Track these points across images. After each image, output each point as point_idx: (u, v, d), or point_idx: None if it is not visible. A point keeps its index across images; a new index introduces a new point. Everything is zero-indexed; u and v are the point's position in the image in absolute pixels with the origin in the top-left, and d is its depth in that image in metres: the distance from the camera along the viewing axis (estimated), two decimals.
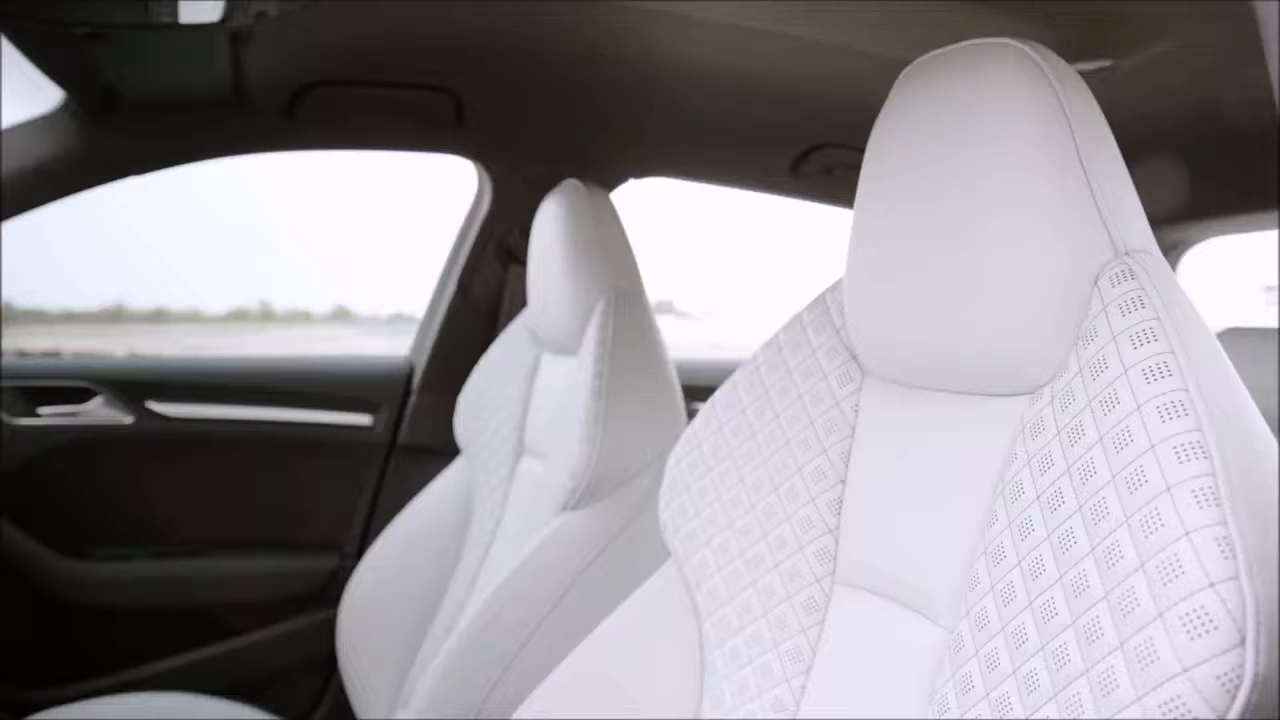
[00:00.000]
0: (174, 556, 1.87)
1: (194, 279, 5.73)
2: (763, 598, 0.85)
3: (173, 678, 1.82)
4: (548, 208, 1.50)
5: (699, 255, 6.48)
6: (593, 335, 1.37)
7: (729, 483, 0.90)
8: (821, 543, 0.83)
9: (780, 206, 2.11)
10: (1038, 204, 0.66)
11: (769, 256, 5.51)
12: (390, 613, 1.61)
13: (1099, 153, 0.68)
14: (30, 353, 2.16)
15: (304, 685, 1.92)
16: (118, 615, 1.84)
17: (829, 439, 0.85)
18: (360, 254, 5.41)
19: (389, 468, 1.96)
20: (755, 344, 0.95)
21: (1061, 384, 0.65)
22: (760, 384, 0.90)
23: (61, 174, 1.59)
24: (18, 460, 1.77)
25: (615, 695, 0.91)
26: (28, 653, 1.80)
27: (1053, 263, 0.66)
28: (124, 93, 1.53)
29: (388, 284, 4.87)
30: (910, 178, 0.73)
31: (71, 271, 4.96)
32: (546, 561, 1.30)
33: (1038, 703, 0.59)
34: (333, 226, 5.83)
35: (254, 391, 1.91)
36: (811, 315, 0.90)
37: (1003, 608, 0.63)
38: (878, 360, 0.81)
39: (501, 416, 1.61)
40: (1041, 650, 0.59)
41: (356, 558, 1.89)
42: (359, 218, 5.28)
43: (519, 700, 0.96)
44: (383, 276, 5.68)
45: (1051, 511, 0.62)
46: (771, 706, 0.83)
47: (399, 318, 4.25)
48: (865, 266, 0.78)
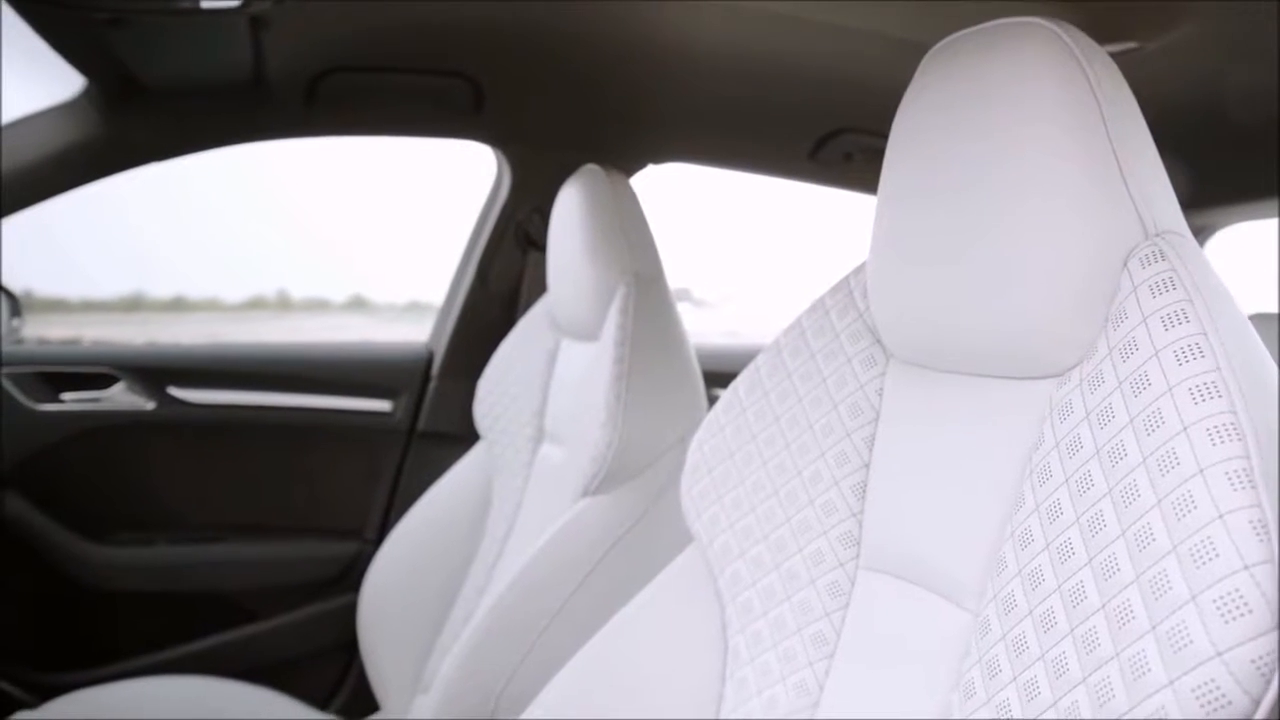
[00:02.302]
0: (195, 541, 1.88)
1: (212, 268, 5.75)
2: (786, 582, 0.85)
3: (194, 662, 1.84)
4: (567, 193, 1.49)
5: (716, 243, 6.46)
6: (613, 321, 1.37)
7: (752, 467, 0.89)
8: (845, 527, 0.83)
9: (798, 194, 2.10)
10: (1066, 185, 0.65)
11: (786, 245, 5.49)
12: (410, 598, 1.62)
13: (1129, 133, 0.67)
14: (51, 341, 2.18)
15: (324, 670, 1.93)
16: (139, 599, 1.85)
17: (853, 423, 0.84)
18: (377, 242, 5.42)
19: (408, 454, 1.97)
20: (772, 332, 0.94)
21: (1090, 366, 0.65)
22: (783, 368, 0.90)
23: (82, 161, 1.60)
24: (41, 445, 1.78)
25: (637, 679, 0.91)
26: (50, 636, 1.82)
27: (1082, 244, 0.65)
28: (144, 79, 1.53)
29: (405, 272, 4.88)
30: (936, 159, 0.73)
31: (91, 261, 4.99)
32: (567, 547, 1.30)
33: (1067, 686, 0.58)
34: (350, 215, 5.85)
35: (275, 378, 1.91)
36: (835, 298, 0.89)
37: (1031, 591, 0.63)
38: (902, 343, 0.80)
39: (521, 403, 1.61)
40: (1071, 634, 0.59)
41: (376, 544, 1.89)
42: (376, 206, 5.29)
43: (540, 685, 0.96)
44: (400, 265, 5.69)
45: (1081, 494, 0.61)
46: (795, 690, 0.82)
47: (416, 306, 4.26)
48: (890, 248, 0.78)
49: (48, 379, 1.80)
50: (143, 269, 4.77)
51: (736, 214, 4.59)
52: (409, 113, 1.77)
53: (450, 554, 1.62)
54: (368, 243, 5.31)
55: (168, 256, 5.57)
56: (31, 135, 1.57)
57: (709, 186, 2.44)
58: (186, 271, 5.41)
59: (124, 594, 1.84)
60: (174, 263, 5.46)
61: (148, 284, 4.81)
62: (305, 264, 5.76)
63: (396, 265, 5.91)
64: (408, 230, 5.11)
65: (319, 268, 6.27)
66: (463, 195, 2.10)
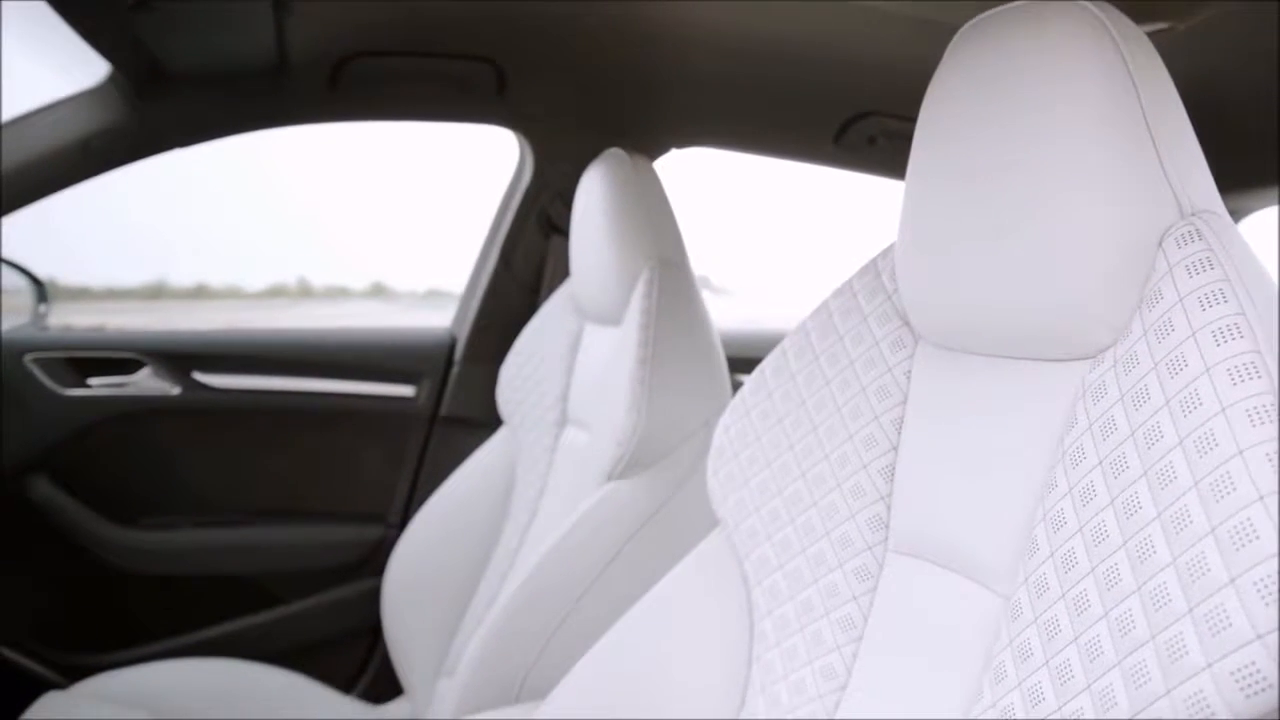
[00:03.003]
0: (220, 525, 1.90)
1: (233, 256, 5.78)
2: (813, 565, 0.85)
3: (220, 645, 1.85)
4: (591, 177, 1.49)
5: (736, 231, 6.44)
6: (637, 305, 1.37)
7: (779, 450, 0.89)
8: (873, 510, 0.82)
9: (819, 181, 2.09)
10: (1101, 165, 0.65)
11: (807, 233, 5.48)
12: (434, 582, 1.62)
13: (1165, 112, 0.66)
14: (76, 329, 2.19)
15: (349, 654, 1.94)
16: (166, 583, 1.87)
17: (881, 405, 0.84)
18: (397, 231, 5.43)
19: (432, 439, 1.97)
20: (792, 320, 0.93)
21: (1125, 348, 0.64)
22: (810, 350, 0.90)
23: (107, 147, 1.61)
24: (69, 430, 1.79)
25: (663, 662, 0.91)
26: (79, 618, 1.84)
27: (1116, 224, 0.64)
28: (169, 65, 1.53)
29: (424, 260, 4.89)
30: (967, 139, 0.72)
31: (114, 250, 5.02)
32: (591, 531, 1.30)
33: (1101, 669, 0.58)
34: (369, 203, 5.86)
35: (298, 363, 1.92)
36: (862, 281, 0.88)
37: (1063, 574, 0.62)
38: (932, 326, 0.79)
39: (544, 387, 1.61)
40: (1105, 617, 0.58)
41: (400, 528, 1.90)
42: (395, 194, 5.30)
43: (564, 668, 0.96)
44: (419, 253, 5.69)
45: (1115, 476, 0.61)
46: (822, 673, 0.82)
47: (435, 293, 4.26)
48: (919, 230, 0.77)
49: (75, 364, 1.81)
50: (164, 258, 4.80)
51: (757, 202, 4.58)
52: (432, 97, 1.77)
53: (474, 539, 1.62)
54: (387, 231, 5.32)
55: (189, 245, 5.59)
56: (57, 122, 1.57)
57: (729, 174, 2.43)
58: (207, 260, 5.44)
59: (151, 577, 1.85)
60: (195, 251, 5.48)
61: (169, 272, 4.84)
62: (325, 252, 5.77)
63: (416, 253, 5.91)
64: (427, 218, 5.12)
65: (339, 256, 6.29)
66: (482, 182, 2.10)
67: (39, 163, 1.57)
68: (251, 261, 5.43)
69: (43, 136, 1.57)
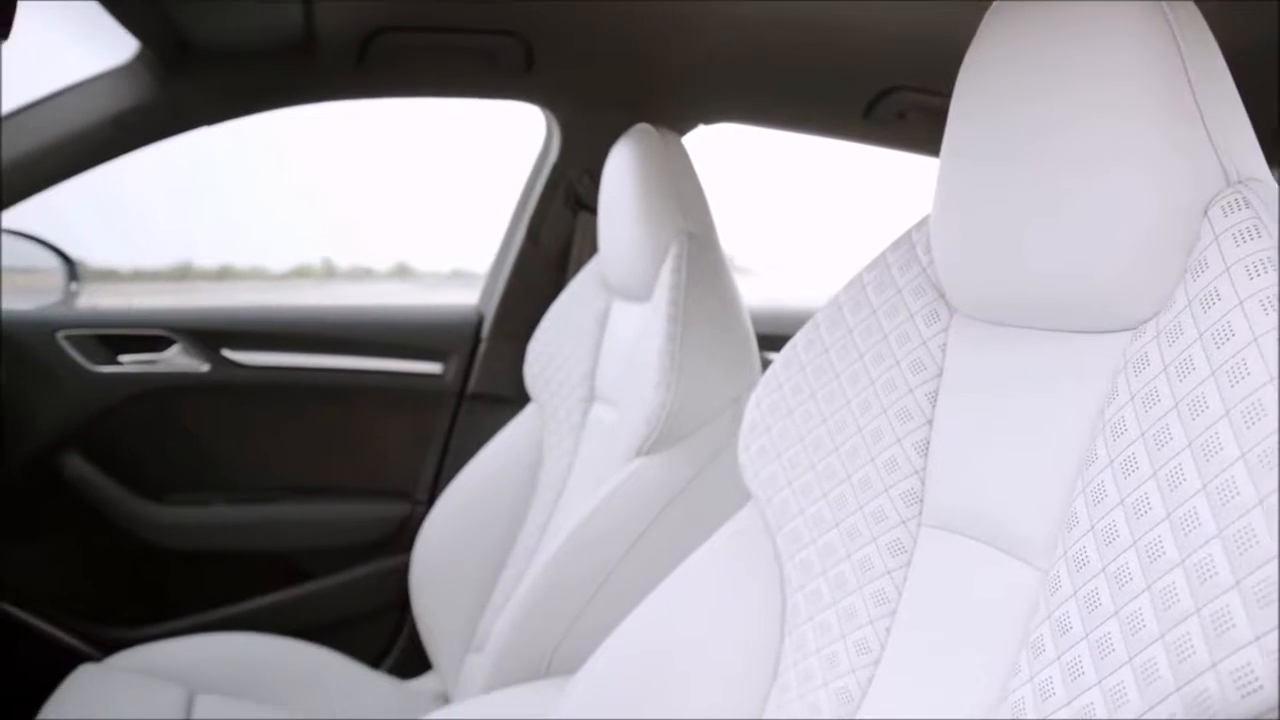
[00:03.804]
0: (249, 502, 1.91)
1: (257, 237, 5.81)
2: (846, 540, 0.84)
3: (249, 619, 1.87)
4: (619, 152, 1.48)
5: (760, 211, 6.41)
6: (666, 280, 1.36)
7: (811, 424, 0.88)
8: (907, 484, 0.82)
9: (843, 162, 2.08)
10: (1145, 131, 0.63)
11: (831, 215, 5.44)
12: (462, 559, 1.63)
13: (1210, 78, 0.65)
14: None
15: (377, 629, 1.96)
16: (196, 558, 1.88)
17: (915, 379, 0.83)
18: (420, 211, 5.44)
19: (459, 416, 1.98)
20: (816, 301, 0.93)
21: (1168, 318, 0.63)
22: (843, 324, 0.89)
23: (136, 125, 1.61)
24: (100, 406, 1.81)
25: (694, 635, 0.91)
26: (112, 593, 1.86)
27: (1159, 192, 0.63)
28: (197, 42, 1.53)
29: (448, 241, 4.89)
30: (1005, 106, 0.71)
31: (140, 231, 5.06)
32: (620, 507, 1.30)
33: (1143, 643, 0.57)
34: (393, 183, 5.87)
35: (326, 340, 1.93)
36: (897, 253, 0.87)
37: (1104, 547, 0.62)
38: (968, 298, 0.78)
39: (572, 364, 1.61)
40: (1148, 589, 0.58)
41: (428, 505, 1.91)
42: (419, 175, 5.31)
43: (593, 644, 0.96)
44: (443, 233, 5.70)
45: (1158, 448, 0.60)
46: (855, 648, 0.82)
47: (459, 274, 4.27)
48: (955, 201, 0.76)
49: (105, 341, 1.82)
50: (190, 239, 4.83)
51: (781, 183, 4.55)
52: (459, 73, 1.76)
53: (501, 515, 1.63)
54: (411, 211, 5.34)
55: (214, 226, 5.63)
56: (87, 100, 1.58)
57: (753, 154, 2.41)
58: (232, 241, 5.47)
59: (182, 552, 1.87)
60: (220, 232, 5.51)
61: (195, 254, 4.87)
62: (350, 232, 5.79)
63: (440, 234, 5.92)
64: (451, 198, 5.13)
65: (363, 236, 6.30)
66: (505, 162, 2.09)
67: (70, 141, 1.58)
68: (276, 242, 5.45)
69: (73, 115, 1.58)
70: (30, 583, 1.79)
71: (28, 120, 1.56)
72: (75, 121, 1.57)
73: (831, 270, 4.77)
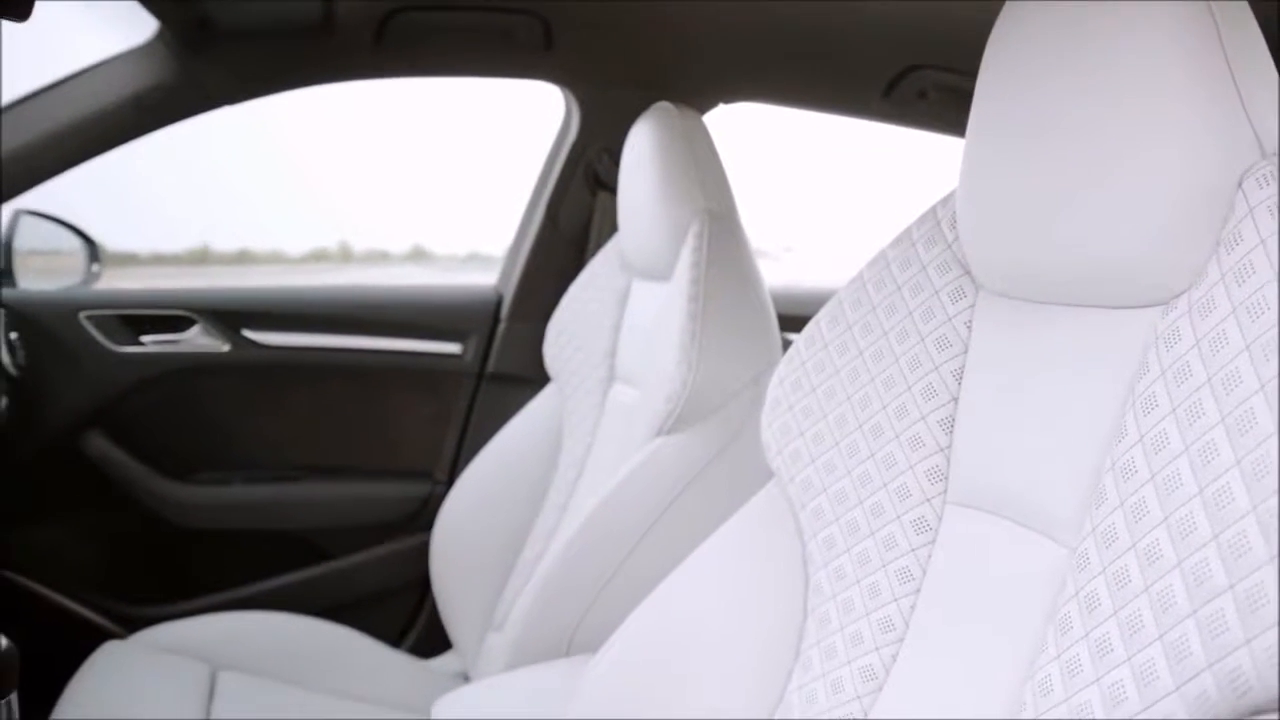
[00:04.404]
0: (270, 481, 1.92)
1: (275, 221, 5.81)
2: (870, 517, 0.84)
3: (271, 598, 1.88)
4: (639, 131, 1.48)
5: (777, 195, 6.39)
6: (686, 259, 1.35)
7: (835, 401, 0.88)
8: (932, 461, 0.81)
9: (859, 147, 2.06)
10: (1177, 103, 0.62)
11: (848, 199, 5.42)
12: (482, 538, 1.63)
13: (1246, 49, 0.64)
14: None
15: (398, 608, 1.97)
16: (219, 537, 1.90)
17: (940, 356, 0.82)
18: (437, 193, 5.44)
19: (478, 396, 1.98)
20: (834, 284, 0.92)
21: (1200, 292, 0.62)
22: (867, 301, 0.88)
23: (156, 105, 1.61)
24: (122, 386, 1.82)
25: (717, 613, 0.90)
26: (135, 571, 1.88)
27: (1192, 165, 0.62)
28: (217, 21, 1.53)
29: (464, 224, 4.90)
30: (1034, 81, 0.70)
31: (159, 216, 5.09)
32: (640, 486, 1.30)
33: (1174, 620, 0.56)
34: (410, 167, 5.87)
35: (346, 321, 1.93)
36: (921, 230, 0.87)
37: (1134, 524, 0.61)
38: (995, 274, 0.78)
39: (592, 344, 1.60)
40: (1178, 566, 0.57)
41: (447, 485, 1.91)
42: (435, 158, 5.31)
43: (614, 623, 0.96)
44: (459, 216, 5.70)
45: (1190, 424, 0.59)
46: (879, 625, 0.82)
47: (476, 257, 4.27)
48: (982, 175, 0.75)
49: (127, 321, 1.83)
50: (209, 224, 4.85)
51: (798, 166, 4.54)
52: (478, 52, 1.76)
53: (521, 495, 1.63)
54: (427, 194, 5.35)
55: (232, 211, 5.64)
56: (107, 80, 1.58)
57: (770, 138, 2.40)
58: (251, 225, 5.47)
59: (204, 532, 1.88)
60: (238, 217, 5.53)
61: (213, 239, 4.90)
62: (366, 216, 5.80)
63: (456, 217, 5.92)
64: (467, 182, 5.13)
65: (380, 220, 6.30)
66: (521, 145, 2.09)
67: (91, 121, 1.58)
68: (293, 227, 5.46)
69: (94, 95, 1.58)
70: (56, 561, 1.80)
71: (49, 101, 1.57)
72: (96, 102, 1.58)
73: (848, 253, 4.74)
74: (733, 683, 0.88)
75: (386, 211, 5.82)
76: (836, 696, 0.82)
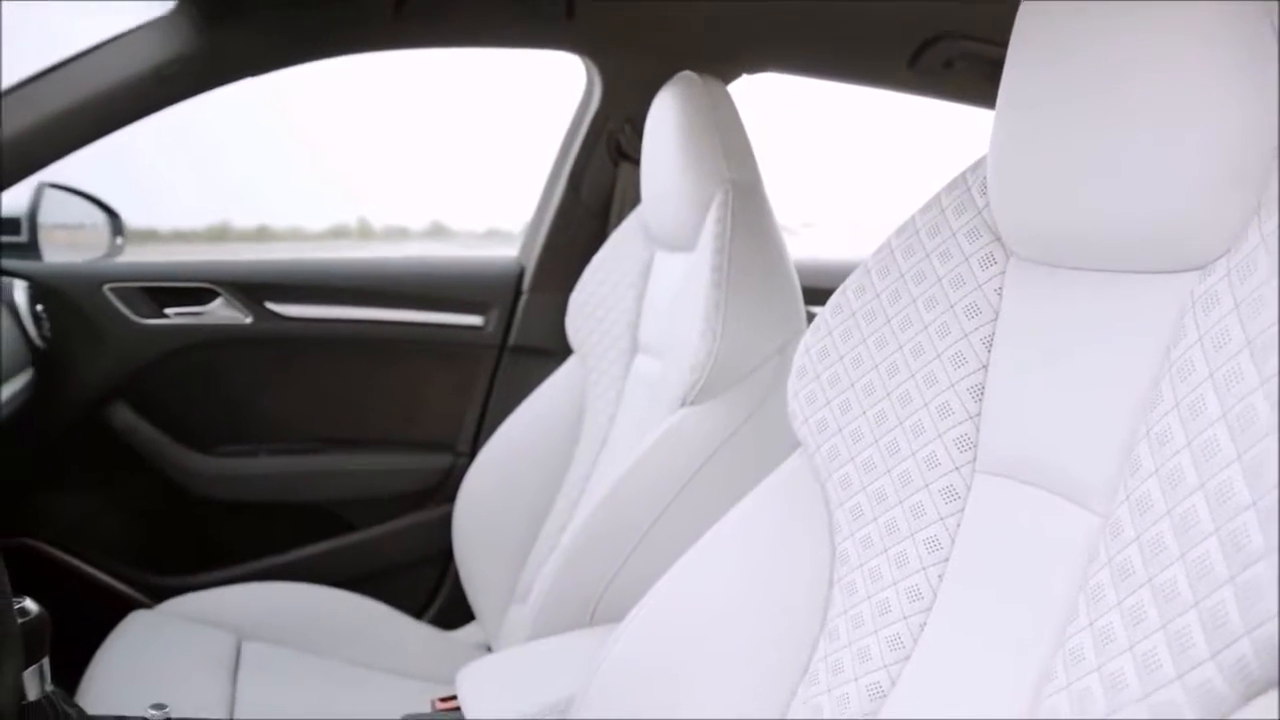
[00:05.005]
0: (293, 453, 1.93)
1: (294, 198, 5.83)
2: (898, 485, 0.83)
3: (294, 569, 1.89)
4: (663, 100, 1.46)
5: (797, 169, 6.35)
6: (710, 229, 1.34)
7: (862, 369, 0.87)
8: (962, 429, 0.80)
9: (881, 121, 2.04)
10: (1215, 62, 0.61)
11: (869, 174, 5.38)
12: (505, 509, 1.64)
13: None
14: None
15: (420, 580, 1.98)
16: (242, 509, 1.91)
17: (970, 323, 0.81)
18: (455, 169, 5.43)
19: (500, 368, 1.98)
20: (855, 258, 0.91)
21: (1240, 256, 0.61)
22: (895, 269, 0.87)
23: (178, 76, 1.61)
24: (147, 358, 1.83)
25: (742, 583, 0.90)
26: (161, 542, 1.89)
27: (1235, 126, 0.61)
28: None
29: (483, 199, 4.88)
30: (1071, 44, 0.68)
31: (179, 193, 5.10)
32: (664, 456, 1.29)
33: (1210, 587, 0.56)
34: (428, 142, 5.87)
35: (368, 293, 1.94)
36: (951, 196, 0.86)
37: (1170, 491, 0.60)
38: (1027, 240, 0.76)
39: (615, 315, 1.60)
40: (1216, 533, 0.56)
41: (470, 457, 1.92)
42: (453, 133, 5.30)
43: (637, 594, 0.96)
44: (478, 192, 5.70)
45: (1229, 389, 0.58)
46: (907, 594, 0.81)
47: (495, 233, 4.26)
48: (1015, 139, 0.74)
49: (151, 294, 1.84)
50: (228, 200, 4.86)
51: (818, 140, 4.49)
52: (499, 22, 1.74)
53: (543, 467, 1.63)
54: (445, 170, 5.34)
55: (251, 189, 5.66)
56: (128, 52, 1.58)
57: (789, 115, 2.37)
58: (270, 202, 5.49)
59: (229, 503, 1.90)
60: (258, 193, 5.53)
61: (233, 215, 4.90)
62: (385, 192, 5.79)
63: (474, 193, 5.91)
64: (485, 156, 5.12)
65: (398, 196, 6.31)
66: (538, 120, 2.07)
67: (112, 93, 1.58)
68: (312, 203, 5.48)
69: (115, 67, 1.58)
70: (82, 532, 1.82)
71: (70, 74, 1.56)
72: (117, 74, 1.57)
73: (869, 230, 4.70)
74: (758, 652, 0.88)
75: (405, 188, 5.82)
76: (863, 665, 0.82)
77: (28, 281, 1.73)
